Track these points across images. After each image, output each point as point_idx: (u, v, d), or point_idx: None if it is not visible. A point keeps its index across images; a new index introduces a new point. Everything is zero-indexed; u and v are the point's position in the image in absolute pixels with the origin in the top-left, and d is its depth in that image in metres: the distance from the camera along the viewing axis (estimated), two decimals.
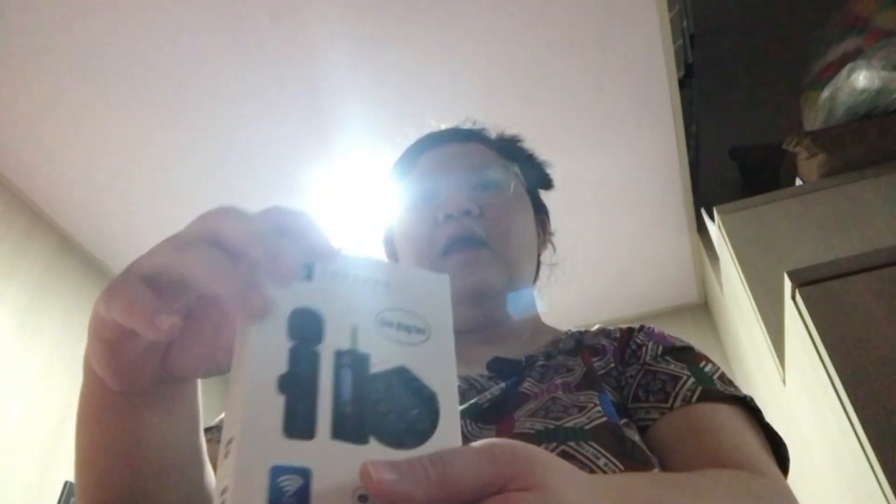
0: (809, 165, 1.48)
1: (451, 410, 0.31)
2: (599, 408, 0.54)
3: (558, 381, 0.60)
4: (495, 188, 0.72)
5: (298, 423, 0.28)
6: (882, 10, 1.46)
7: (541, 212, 0.82)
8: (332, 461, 0.27)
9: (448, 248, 0.67)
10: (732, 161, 2.03)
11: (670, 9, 1.77)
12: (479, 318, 0.70)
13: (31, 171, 2.05)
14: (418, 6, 1.71)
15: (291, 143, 2.03)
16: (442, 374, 0.32)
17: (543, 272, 0.82)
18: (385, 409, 0.30)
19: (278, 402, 0.28)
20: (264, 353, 0.29)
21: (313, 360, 0.30)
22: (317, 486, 0.26)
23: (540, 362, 0.64)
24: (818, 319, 0.84)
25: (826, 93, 1.50)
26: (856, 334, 0.81)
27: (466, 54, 1.85)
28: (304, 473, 0.26)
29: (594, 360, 0.64)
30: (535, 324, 0.76)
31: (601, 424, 0.52)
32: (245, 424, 0.27)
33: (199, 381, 0.41)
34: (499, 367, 0.64)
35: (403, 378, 0.31)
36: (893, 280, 0.83)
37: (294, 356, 0.29)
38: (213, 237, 0.31)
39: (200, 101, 1.89)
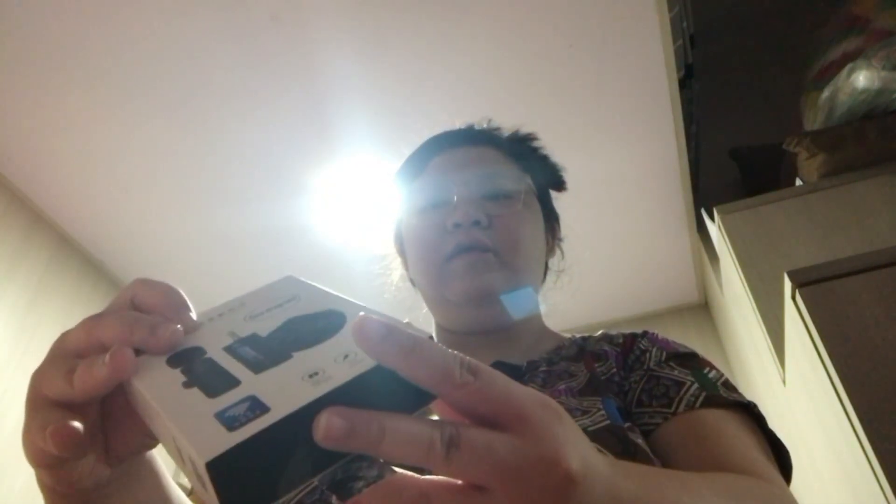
0: (809, 166, 1.48)
1: (353, 307, 0.32)
2: (603, 412, 0.55)
3: (562, 387, 0.60)
4: (505, 198, 0.72)
5: (220, 384, 0.28)
6: (882, 10, 1.47)
7: (551, 218, 0.82)
8: (268, 382, 0.28)
9: (454, 254, 0.68)
10: (732, 161, 2.03)
11: (670, 9, 1.77)
12: (482, 320, 0.70)
13: (31, 171, 2.05)
14: (418, 7, 1.71)
15: (292, 143, 2.03)
16: (330, 300, 0.34)
17: (550, 277, 0.82)
18: (295, 334, 0.31)
19: (192, 392, 0.28)
20: (156, 383, 0.30)
21: (208, 361, 0.31)
22: (266, 397, 0.26)
23: (542, 368, 0.64)
24: (818, 319, 0.84)
25: (826, 93, 1.50)
26: (856, 334, 0.81)
27: (467, 55, 1.85)
28: (249, 398, 0.26)
29: (597, 365, 0.64)
30: (539, 329, 0.76)
31: (604, 427, 0.52)
32: (173, 417, 0.27)
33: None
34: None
35: (297, 321, 0.33)
36: (893, 280, 0.83)
37: (187, 370, 0.31)
38: (99, 344, 0.33)
39: (201, 102, 1.89)
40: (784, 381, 1.27)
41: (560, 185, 0.84)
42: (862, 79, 1.40)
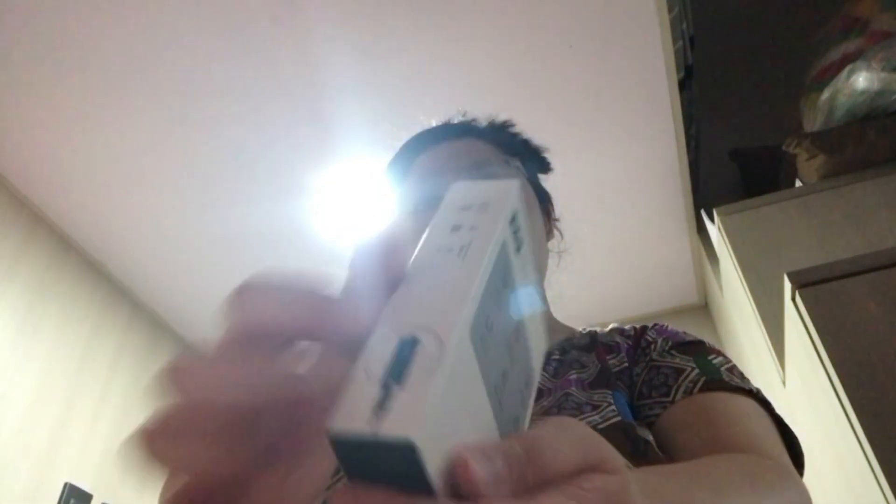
0: (809, 167, 1.48)
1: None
2: (613, 406, 0.53)
3: (572, 377, 0.59)
4: None
5: None
6: (882, 11, 1.47)
7: (544, 200, 0.80)
8: None
9: None
10: (732, 162, 2.03)
11: (670, 10, 1.77)
12: None
13: (31, 171, 2.05)
14: (418, 9, 1.71)
15: (292, 143, 2.03)
16: None
17: (552, 260, 0.80)
18: None
19: None
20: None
21: None
22: None
23: (555, 356, 0.63)
24: (818, 321, 0.84)
25: (826, 94, 1.50)
26: (856, 335, 0.81)
27: (467, 56, 1.85)
28: None
29: (609, 357, 0.63)
30: (548, 321, 0.75)
31: (614, 424, 0.51)
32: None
33: None
34: None
35: None
36: (893, 281, 0.83)
37: None
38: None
39: (201, 103, 1.89)
40: (784, 382, 1.27)
41: (546, 167, 0.82)
42: (862, 80, 1.40)
